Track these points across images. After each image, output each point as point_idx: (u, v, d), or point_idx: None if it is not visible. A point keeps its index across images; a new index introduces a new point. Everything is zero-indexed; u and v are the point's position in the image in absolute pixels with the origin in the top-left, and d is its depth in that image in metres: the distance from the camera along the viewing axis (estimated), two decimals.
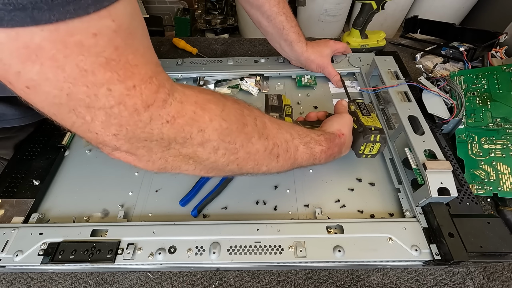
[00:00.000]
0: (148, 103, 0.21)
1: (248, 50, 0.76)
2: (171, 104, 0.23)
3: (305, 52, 0.58)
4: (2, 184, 0.45)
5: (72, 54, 0.17)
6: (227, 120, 0.26)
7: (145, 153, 0.25)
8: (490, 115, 0.50)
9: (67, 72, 0.18)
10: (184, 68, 0.63)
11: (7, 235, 0.38)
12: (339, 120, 0.42)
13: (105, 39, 0.18)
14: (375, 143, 0.42)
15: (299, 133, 0.35)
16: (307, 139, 0.36)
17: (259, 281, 0.40)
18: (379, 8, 0.63)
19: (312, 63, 0.60)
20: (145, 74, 0.21)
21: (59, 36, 0.17)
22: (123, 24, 0.19)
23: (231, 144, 0.27)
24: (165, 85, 0.23)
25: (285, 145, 0.32)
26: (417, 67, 0.65)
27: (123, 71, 0.20)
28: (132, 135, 0.22)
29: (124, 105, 0.20)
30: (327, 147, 0.37)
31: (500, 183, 0.45)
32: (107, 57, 0.19)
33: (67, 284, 0.40)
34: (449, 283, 0.39)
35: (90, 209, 0.43)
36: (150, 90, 0.21)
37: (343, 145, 0.41)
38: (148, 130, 0.22)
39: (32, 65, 0.17)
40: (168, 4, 1.75)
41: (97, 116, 0.20)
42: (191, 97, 0.25)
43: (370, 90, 0.56)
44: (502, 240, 0.35)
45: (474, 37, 0.66)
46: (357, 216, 0.43)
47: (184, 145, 0.25)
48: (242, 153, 0.28)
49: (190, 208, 0.43)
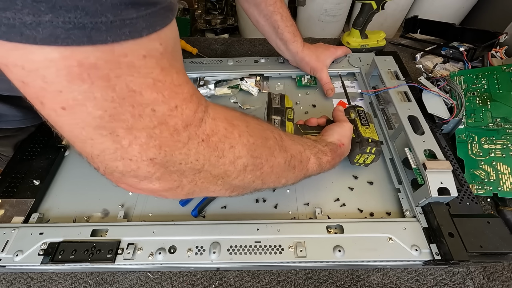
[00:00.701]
0: (187, 123, 0.21)
1: (248, 50, 0.76)
2: (206, 122, 0.23)
3: (300, 53, 0.58)
4: (2, 184, 0.45)
5: (123, 74, 0.17)
6: (253, 136, 0.27)
7: (176, 178, 0.24)
8: (490, 115, 0.50)
9: (117, 92, 0.18)
10: (184, 68, 0.62)
11: (7, 235, 0.38)
12: (339, 131, 0.42)
13: (153, 60, 0.19)
14: (370, 155, 0.43)
15: (308, 144, 0.36)
16: (316, 150, 0.37)
17: (259, 281, 0.40)
18: (379, 8, 0.63)
19: (306, 65, 0.59)
20: (187, 93, 0.21)
21: (114, 56, 0.17)
22: (168, 46, 0.20)
23: (258, 159, 0.27)
24: (202, 103, 0.23)
25: (299, 157, 0.33)
26: (417, 67, 0.65)
27: (168, 92, 0.20)
28: (170, 158, 0.22)
29: (166, 125, 0.20)
30: (331, 157, 0.38)
31: (500, 183, 0.45)
32: (154, 78, 0.19)
33: (67, 284, 0.40)
34: (449, 283, 0.39)
35: (90, 209, 0.43)
36: (190, 110, 0.21)
37: (343, 155, 0.42)
38: (185, 151, 0.22)
39: (80, 83, 0.17)
40: None
41: (137, 139, 0.20)
42: (222, 113, 0.25)
43: (371, 92, 0.56)
44: (502, 240, 0.35)
45: (474, 37, 0.66)
46: (357, 215, 0.43)
47: (217, 164, 0.24)
48: (267, 167, 0.28)
49: (190, 208, 0.43)
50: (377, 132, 0.51)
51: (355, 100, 0.59)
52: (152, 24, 0.18)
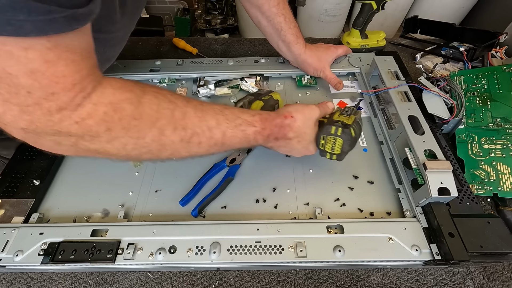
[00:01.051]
0: (62, 107, 0.25)
1: (248, 50, 0.76)
2: (84, 107, 0.26)
3: (303, 55, 0.58)
4: (2, 184, 0.45)
5: (1, 59, 0.22)
6: (138, 119, 0.28)
7: (53, 145, 0.28)
8: (490, 115, 0.50)
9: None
10: (184, 68, 0.63)
11: (7, 235, 0.38)
12: (297, 106, 0.40)
13: (36, 53, 0.22)
14: (336, 138, 0.38)
15: (228, 117, 0.35)
16: (238, 122, 0.36)
17: (259, 281, 0.40)
18: (379, 8, 0.63)
19: (309, 67, 0.59)
20: (70, 83, 0.25)
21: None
22: (60, 44, 0.23)
23: (141, 140, 0.29)
24: (86, 89, 0.26)
25: (208, 133, 0.33)
26: (417, 67, 0.65)
27: (46, 81, 0.23)
28: (41, 131, 0.26)
29: (39, 106, 0.24)
30: (261, 128, 0.37)
31: (500, 183, 0.45)
32: (34, 68, 0.22)
33: (67, 284, 0.40)
34: (449, 283, 0.39)
35: (90, 209, 0.43)
36: (68, 97, 0.25)
37: (291, 129, 0.38)
38: (57, 129, 0.26)
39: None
40: (168, 4, 1.75)
41: (11, 111, 0.24)
42: (108, 97, 0.27)
43: (371, 92, 0.56)
44: (502, 240, 0.35)
45: (474, 37, 0.66)
46: (357, 215, 0.43)
47: (92, 142, 0.28)
48: (155, 145, 0.30)
49: (190, 208, 0.43)
50: (377, 132, 0.52)
51: (355, 100, 0.59)
52: (43, 29, 0.21)
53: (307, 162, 0.49)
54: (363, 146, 0.51)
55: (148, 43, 0.78)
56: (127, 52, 0.76)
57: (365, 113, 0.56)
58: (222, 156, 0.49)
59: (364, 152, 0.50)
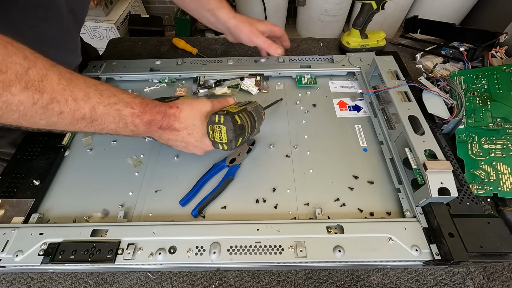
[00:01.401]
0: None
1: (248, 50, 0.76)
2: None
3: (232, 19, 0.56)
4: (2, 184, 0.45)
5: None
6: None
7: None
8: (490, 115, 0.50)
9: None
10: (184, 68, 0.63)
11: (7, 235, 0.38)
12: (185, 99, 0.40)
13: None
14: (220, 126, 0.38)
15: (101, 92, 0.32)
16: (113, 100, 0.33)
17: (259, 281, 0.40)
18: (379, 8, 0.63)
19: (241, 33, 0.57)
20: None
21: None
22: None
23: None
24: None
25: (73, 104, 0.30)
26: (417, 67, 0.65)
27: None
28: None
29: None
30: (140, 111, 0.35)
31: (500, 183, 0.45)
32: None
33: (67, 284, 0.40)
34: (449, 283, 0.39)
35: (90, 209, 0.43)
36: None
37: (177, 119, 0.38)
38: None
39: None
40: (168, 4, 1.75)
41: None
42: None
43: (371, 92, 0.56)
44: (502, 240, 0.35)
45: (474, 37, 0.66)
46: (357, 215, 0.43)
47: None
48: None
49: (190, 208, 0.43)
50: (377, 132, 0.52)
51: (355, 100, 0.59)
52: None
53: (307, 162, 0.49)
54: (363, 146, 0.51)
55: (148, 43, 0.78)
56: (127, 52, 0.76)
57: (365, 113, 0.56)
58: (222, 156, 0.49)
59: (364, 152, 0.50)
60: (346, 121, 0.55)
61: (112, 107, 0.33)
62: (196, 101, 0.40)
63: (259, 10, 1.48)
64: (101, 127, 0.33)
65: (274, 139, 0.52)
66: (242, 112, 0.40)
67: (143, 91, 0.61)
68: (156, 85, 0.62)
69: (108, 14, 1.37)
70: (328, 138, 0.52)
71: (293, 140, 0.52)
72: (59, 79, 0.29)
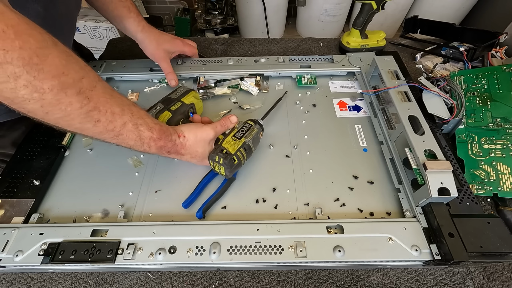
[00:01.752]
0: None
1: (248, 50, 0.76)
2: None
3: (139, 33, 0.55)
4: (2, 184, 0.45)
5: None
6: (42, 60, 0.27)
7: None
8: (490, 115, 0.50)
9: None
10: (184, 68, 0.63)
11: (7, 235, 0.38)
12: (191, 127, 0.43)
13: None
14: (220, 165, 0.42)
15: (133, 112, 0.36)
16: (140, 122, 0.37)
17: (259, 281, 0.40)
18: (379, 8, 0.63)
19: (146, 49, 0.58)
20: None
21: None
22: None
23: (37, 81, 0.27)
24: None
25: (110, 116, 0.33)
26: (417, 67, 0.65)
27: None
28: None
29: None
30: (157, 137, 0.38)
31: (500, 183, 0.45)
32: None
33: (67, 284, 0.40)
34: (449, 283, 0.39)
35: (90, 209, 0.43)
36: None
37: (183, 147, 0.42)
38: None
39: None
40: (168, 4, 1.75)
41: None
42: (10, 20, 0.25)
43: (371, 92, 0.56)
44: (502, 240, 0.35)
45: (474, 37, 0.66)
46: (357, 215, 0.43)
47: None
48: (50, 97, 0.29)
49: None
50: (377, 132, 0.52)
51: (355, 100, 0.59)
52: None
53: (307, 162, 0.49)
54: (363, 146, 0.51)
55: None
56: (127, 52, 0.76)
57: (365, 113, 0.56)
58: None
59: (364, 152, 0.50)
60: (346, 121, 0.55)
61: (137, 128, 0.37)
62: (200, 131, 0.43)
63: (259, 10, 1.48)
64: (122, 141, 0.37)
65: (274, 139, 0.52)
66: (241, 149, 0.43)
67: (143, 91, 0.61)
68: (156, 85, 0.62)
69: None
70: (328, 138, 0.52)
71: (293, 140, 0.52)
72: (104, 92, 0.33)
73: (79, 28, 1.36)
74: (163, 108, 0.48)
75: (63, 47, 0.30)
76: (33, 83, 0.27)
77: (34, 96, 0.28)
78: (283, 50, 0.76)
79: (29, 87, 0.27)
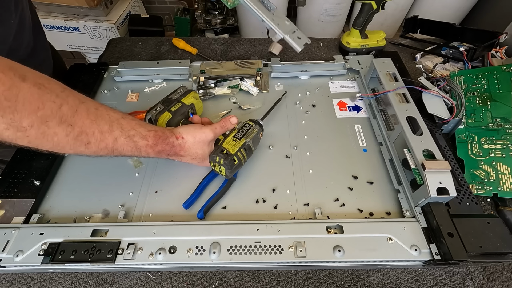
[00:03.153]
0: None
1: (248, 50, 0.76)
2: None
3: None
4: (2, 184, 0.45)
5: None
6: (13, 102, 0.27)
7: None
8: (490, 115, 0.50)
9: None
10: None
11: (7, 235, 0.38)
12: (190, 128, 0.43)
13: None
14: (220, 165, 0.42)
15: (123, 126, 0.36)
16: (132, 133, 0.37)
17: (259, 281, 0.40)
18: (379, 8, 0.63)
19: None
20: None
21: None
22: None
23: (16, 122, 0.28)
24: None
25: (99, 136, 0.34)
26: (417, 67, 0.65)
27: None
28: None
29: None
30: (153, 143, 0.39)
31: (500, 183, 0.45)
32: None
33: (67, 284, 0.40)
34: (449, 283, 0.40)
35: (90, 209, 0.44)
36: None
37: (182, 149, 0.42)
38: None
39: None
40: (168, 4, 1.75)
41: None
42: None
43: (370, 96, 0.56)
44: (502, 240, 0.35)
45: (474, 37, 0.66)
46: (357, 215, 0.43)
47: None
48: (34, 132, 0.29)
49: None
50: (376, 133, 0.52)
51: (355, 100, 0.59)
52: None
53: (307, 163, 0.49)
54: (362, 146, 0.51)
55: (148, 43, 0.79)
56: (127, 52, 0.76)
57: (365, 113, 0.56)
58: None
59: (364, 153, 0.50)
60: (345, 122, 0.55)
61: (131, 139, 0.37)
62: (198, 132, 0.43)
63: None
64: (119, 154, 0.38)
65: (274, 139, 0.52)
66: (241, 150, 0.43)
67: (143, 91, 0.61)
68: (156, 85, 0.62)
69: (108, 14, 1.37)
70: (328, 138, 0.52)
71: (292, 141, 0.52)
72: (88, 114, 0.33)
73: (79, 28, 1.36)
74: (163, 109, 0.48)
75: (33, 79, 0.29)
76: (12, 124, 0.28)
77: (19, 135, 0.29)
78: (283, 50, 0.76)
79: (10, 129, 0.28)
